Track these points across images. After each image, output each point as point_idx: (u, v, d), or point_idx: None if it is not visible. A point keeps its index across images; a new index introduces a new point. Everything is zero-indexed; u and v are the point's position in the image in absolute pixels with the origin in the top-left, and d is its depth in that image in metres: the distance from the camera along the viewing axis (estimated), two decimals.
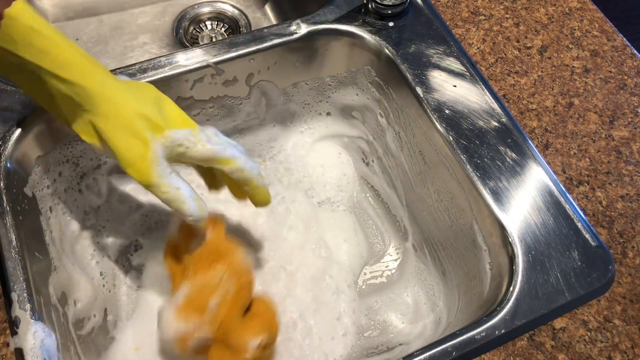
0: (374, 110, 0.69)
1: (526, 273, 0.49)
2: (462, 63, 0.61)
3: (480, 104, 0.58)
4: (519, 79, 0.63)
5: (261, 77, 0.65)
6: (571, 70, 0.64)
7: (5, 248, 0.47)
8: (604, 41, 0.67)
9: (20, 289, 0.46)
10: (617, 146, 0.59)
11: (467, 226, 0.56)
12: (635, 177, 0.57)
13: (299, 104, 0.71)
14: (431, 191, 0.62)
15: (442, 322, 0.59)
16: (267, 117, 0.71)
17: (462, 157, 0.55)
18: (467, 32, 0.67)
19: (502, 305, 0.48)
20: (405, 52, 0.62)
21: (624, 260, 0.52)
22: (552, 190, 0.54)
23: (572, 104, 0.62)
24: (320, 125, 0.74)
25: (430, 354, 0.45)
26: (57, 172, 0.59)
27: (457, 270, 0.60)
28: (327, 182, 0.73)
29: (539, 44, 0.66)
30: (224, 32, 0.88)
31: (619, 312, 0.50)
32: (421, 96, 0.59)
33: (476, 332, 0.46)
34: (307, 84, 0.69)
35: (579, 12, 0.69)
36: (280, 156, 0.73)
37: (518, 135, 0.57)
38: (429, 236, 0.65)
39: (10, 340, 0.45)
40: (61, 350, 0.47)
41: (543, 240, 0.51)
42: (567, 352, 0.48)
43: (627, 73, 0.64)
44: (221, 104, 0.66)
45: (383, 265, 0.69)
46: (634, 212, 0.55)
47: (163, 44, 0.85)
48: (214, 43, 0.61)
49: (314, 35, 0.63)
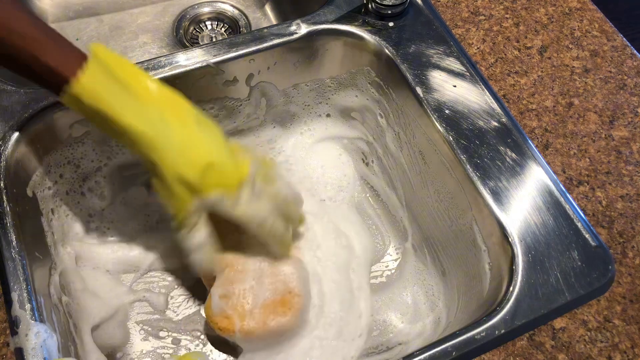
0: (373, 111, 0.69)
1: (526, 273, 0.49)
2: (462, 63, 0.61)
3: (480, 104, 0.58)
4: (519, 79, 0.63)
5: (261, 77, 0.65)
6: (571, 70, 0.64)
7: (5, 248, 0.47)
8: (604, 41, 0.67)
9: (20, 289, 0.46)
10: (617, 146, 0.59)
11: (467, 226, 0.56)
12: (635, 177, 0.57)
13: (299, 105, 0.71)
14: (431, 191, 0.62)
15: (442, 322, 0.59)
16: (267, 118, 0.71)
17: (462, 157, 0.55)
18: (467, 32, 0.67)
19: (502, 305, 0.48)
20: (405, 52, 0.62)
21: (624, 260, 0.52)
22: (552, 190, 0.54)
23: (572, 104, 0.62)
24: (320, 127, 0.74)
25: (430, 354, 0.45)
26: (58, 174, 0.59)
27: (457, 270, 0.60)
28: (328, 182, 0.73)
29: (539, 44, 0.66)
30: (224, 32, 0.88)
31: (618, 312, 0.50)
32: (421, 96, 0.59)
33: (476, 332, 0.46)
34: (307, 85, 0.69)
35: (579, 12, 0.69)
36: (280, 157, 0.73)
37: (518, 135, 0.57)
38: (428, 236, 0.65)
39: (10, 340, 0.45)
40: (61, 351, 0.47)
41: (543, 240, 0.51)
42: (567, 352, 0.48)
43: (627, 73, 0.64)
44: (221, 105, 0.66)
45: (383, 265, 0.69)
46: (634, 212, 0.55)
47: (163, 44, 0.85)
48: (214, 43, 0.61)
49: (314, 36, 0.63)
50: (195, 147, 0.49)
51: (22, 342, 0.44)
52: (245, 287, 0.55)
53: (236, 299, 0.55)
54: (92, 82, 0.45)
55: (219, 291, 0.55)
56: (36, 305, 0.46)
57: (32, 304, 0.46)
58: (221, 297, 0.55)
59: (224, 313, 0.54)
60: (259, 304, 0.55)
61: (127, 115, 0.46)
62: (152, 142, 0.47)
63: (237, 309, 0.54)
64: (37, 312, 0.46)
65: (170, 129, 0.48)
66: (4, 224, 0.48)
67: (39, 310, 0.46)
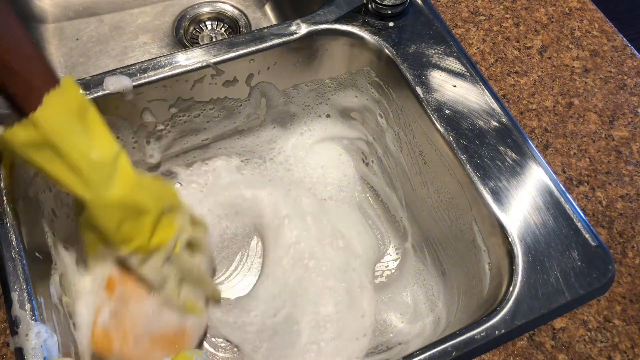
0: (373, 111, 0.69)
1: (526, 273, 0.49)
2: (462, 63, 0.61)
3: (480, 104, 0.58)
4: (518, 79, 0.63)
5: (261, 77, 0.65)
6: (571, 70, 0.64)
7: (5, 248, 0.47)
8: (604, 41, 0.67)
9: (20, 289, 0.46)
10: (617, 146, 0.59)
11: (467, 226, 0.56)
12: (635, 177, 0.57)
13: (299, 105, 0.71)
14: (431, 191, 0.62)
15: (442, 322, 0.59)
16: (267, 118, 0.71)
17: (462, 157, 0.55)
18: (467, 32, 0.67)
19: (502, 305, 0.48)
20: (405, 52, 0.62)
21: (623, 260, 0.52)
22: (552, 190, 0.54)
23: (572, 104, 0.62)
24: (320, 127, 0.74)
25: (430, 354, 0.45)
26: None
27: (457, 270, 0.60)
28: (328, 182, 0.73)
29: (539, 44, 0.66)
30: (224, 32, 0.88)
31: (618, 312, 0.50)
32: (421, 96, 0.59)
33: (476, 332, 0.46)
34: (307, 85, 0.69)
35: (579, 12, 0.69)
36: (280, 157, 0.73)
37: (518, 135, 0.57)
38: (428, 236, 0.65)
39: (10, 340, 0.45)
40: (61, 351, 0.47)
41: (543, 240, 0.51)
42: (567, 352, 0.48)
43: (627, 73, 0.64)
44: (221, 105, 0.66)
45: (383, 265, 0.69)
46: (634, 212, 0.55)
47: (163, 44, 0.85)
48: (214, 43, 0.61)
49: (314, 36, 0.63)
50: (128, 197, 0.49)
51: (22, 342, 0.44)
52: (140, 312, 0.52)
53: (126, 321, 0.51)
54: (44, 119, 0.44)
55: (111, 307, 0.51)
56: (36, 305, 0.46)
57: (32, 304, 0.46)
58: (110, 315, 0.51)
59: (107, 331, 0.51)
60: (148, 334, 0.52)
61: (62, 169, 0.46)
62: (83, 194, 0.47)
63: (122, 332, 0.51)
64: (37, 312, 0.46)
65: (110, 185, 0.47)
66: (4, 224, 0.48)
67: (39, 311, 0.46)
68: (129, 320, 0.51)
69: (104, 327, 0.51)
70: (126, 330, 0.51)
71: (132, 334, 0.51)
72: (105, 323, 0.51)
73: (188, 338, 0.55)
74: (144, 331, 0.52)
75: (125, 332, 0.51)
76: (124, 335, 0.51)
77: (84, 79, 0.57)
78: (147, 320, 0.52)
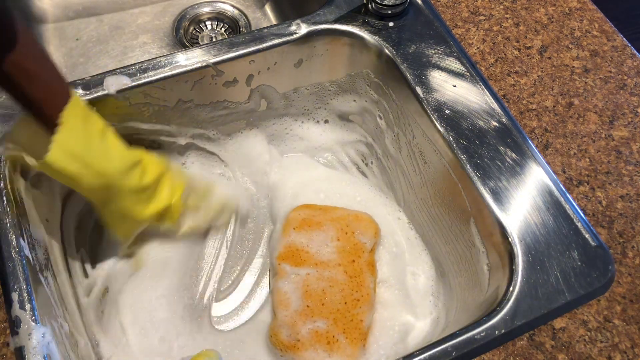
0: (373, 113, 0.69)
1: (526, 273, 0.49)
2: (462, 63, 0.61)
3: (480, 104, 0.58)
4: (518, 79, 0.63)
5: (261, 78, 0.65)
6: (571, 70, 0.64)
7: (5, 248, 0.47)
8: (604, 41, 0.67)
9: (20, 289, 0.46)
10: (617, 146, 0.59)
11: (467, 226, 0.56)
12: (635, 177, 0.57)
13: (298, 109, 0.71)
14: (431, 191, 0.62)
15: (441, 322, 0.59)
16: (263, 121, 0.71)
17: (462, 157, 0.55)
18: (467, 32, 0.67)
19: (502, 305, 0.48)
20: (405, 52, 0.62)
21: (623, 260, 0.52)
22: (552, 190, 0.54)
23: (572, 104, 0.62)
24: (320, 130, 0.74)
25: (430, 354, 0.45)
26: None
27: (457, 270, 0.60)
28: (328, 184, 0.73)
29: (538, 44, 0.66)
30: (224, 32, 0.88)
31: (618, 312, 0.50)
32: (421, 96, 0.59)
33: (476, 332, 0.46)
34: (307, 89, 0.69)
35: (579, 12, 0.69)
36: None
37: (518, 135, 0.57)
38: (428, 236, 0.65)
39: (11, 340, 0.45)
40: (61, 351, 0.47)
41: (543, 240, 0.51)
42: (567, 352, 0.48)
43: (627, 73, 0.64)
44: (222, 107, 0.66)
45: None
46: (634, 212, 0.55)
47: (163, 44, 0.85)
48: (214, 43, 0.61)
49: (314, 35, 0.63)
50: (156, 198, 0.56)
51: (22, 342, 0.44)
52: (319, 327, 0.57)
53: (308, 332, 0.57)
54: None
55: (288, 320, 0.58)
56: (36, 306, 0.46)
57: (32, 304, 0.46)
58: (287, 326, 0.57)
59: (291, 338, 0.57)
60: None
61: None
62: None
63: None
64: (37, 312, 0.46)
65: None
66: (4, 224, 0.48)
67: (39, 311, 0.46)
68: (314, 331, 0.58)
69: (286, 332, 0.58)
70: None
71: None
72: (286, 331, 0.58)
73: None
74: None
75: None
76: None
77: (84, 79, 0.57)
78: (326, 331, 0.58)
